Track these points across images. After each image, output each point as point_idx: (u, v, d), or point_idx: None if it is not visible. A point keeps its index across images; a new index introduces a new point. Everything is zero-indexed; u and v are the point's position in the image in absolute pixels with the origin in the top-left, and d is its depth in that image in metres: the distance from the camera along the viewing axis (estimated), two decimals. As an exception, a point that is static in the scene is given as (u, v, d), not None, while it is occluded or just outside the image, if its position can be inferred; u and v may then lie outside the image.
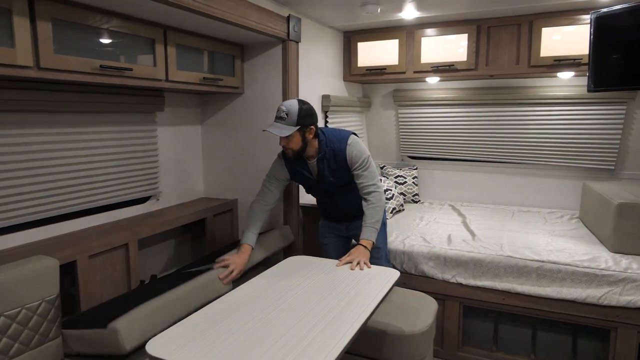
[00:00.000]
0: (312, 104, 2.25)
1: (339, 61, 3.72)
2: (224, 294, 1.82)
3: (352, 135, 2.30)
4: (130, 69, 2.01)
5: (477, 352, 2.77)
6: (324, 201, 2.54)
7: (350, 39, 3.72)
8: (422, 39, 3.49)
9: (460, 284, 2.73)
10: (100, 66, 1.88)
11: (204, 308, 1.65)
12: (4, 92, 1.82)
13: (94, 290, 2.07)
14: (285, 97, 2.81)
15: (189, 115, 2.98)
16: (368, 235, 2.21)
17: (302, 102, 2.17)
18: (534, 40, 3.16)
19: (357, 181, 2.29)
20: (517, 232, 3.08)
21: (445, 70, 3.45)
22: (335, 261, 2.13)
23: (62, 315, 1.81)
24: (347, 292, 1.77)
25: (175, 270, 2.47)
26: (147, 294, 2.00)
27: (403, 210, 3.79)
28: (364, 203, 2.29)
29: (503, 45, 3.28)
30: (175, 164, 2.88)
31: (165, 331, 1.47)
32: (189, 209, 2.76)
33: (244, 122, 2.96)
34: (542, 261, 2.56)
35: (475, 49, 3.33)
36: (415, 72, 3.55)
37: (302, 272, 2.00)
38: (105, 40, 1.95)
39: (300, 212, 3.03)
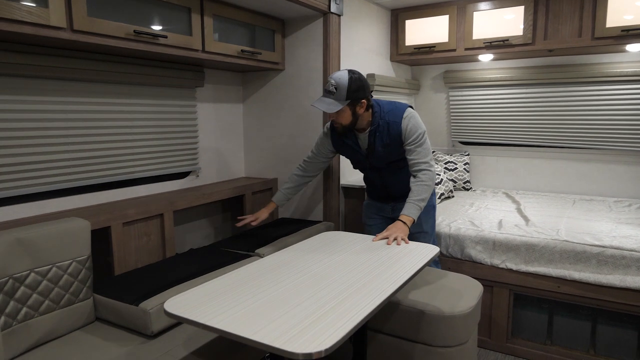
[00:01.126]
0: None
1: (385, 40, 3.59)
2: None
3: (409, 108, 2.16)
4: (165, 36, 2.01)
5: (528, 345, 2.56)
6: (370, 178, 2.41)
7: (397, 17, 3.58)
8: (474, 13, 3.28)
9: (511, 270, 2.53)
10: (134, 31, 1.88)
11: (227, 274, 1.60)
12: (45, 58, 1.86)
13: (129, 258, 2.09)
14: (326, 73, 2.73)
15: (230, 93, 2.97)
16: (409, 212, 2.07)
17: (352, 73, 2.03)
18: (598, 8, 2.88)
19: (408, 157, 2.14)
20: (577, 219, 2.82)
21: (499, 46, 3.22)
22: (371, 237, 2.02)
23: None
24: (379, 265, 1.66)
25: (212, 243, 2.46)
26: (181, 267, 2.01)
27: (452, 197, 3.60)
28: (412, 179, 2.14)
29: (564, 17, 3.01)
30: (216, 141, 2.88)
31: (185, 292, 1.43)
32: (227, 185, 2.75)
33: (285, 99, 2.91)
34: (604, 247, 2.31)
35: (532, 21, 3.08)
36: (466, 49, 3.35)
37: (335, 245, 1.91)
38: (140, 7, 1.95)
39: (341, 193, 2.94)
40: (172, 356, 1.55)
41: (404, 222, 2.03)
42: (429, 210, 2.40)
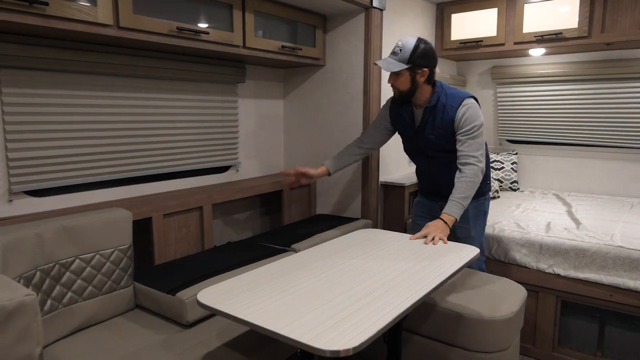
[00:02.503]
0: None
1: (430, 35, 3.50)
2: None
3: (471, 98, 2.08)
4: (207, 33, 2.04)
5: (576, 356, 2.42)
6: (419, 167, 2.34)
7: (443, 11, 3.48)
8: (525, 5, 3.14)
9: (558, 275, 2.40)
10: (177, 28, 1.92)
11: (260, 267, 1.61)
12: (93, 55, 1.94)
13: (169, 249, 2.14)
14: (367, 69, 2.69)
15: (271, 89, 2.99)
16: (451, 211, 1.99)
17: (421, 41, 2.01)
18: (664, -2, 2.68)
19: (458, 148, 2.06)
20: (635, 224, 2.64)
21: (551, 39, 3.07)
22: (408, 235, 1.97)
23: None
24: (414, 264, 1.62)
25: (250, 237, 2.48)
26: (218, 259, 2.03)
27: (498, 197, 3.46)
28: (456, 174, 2.05)
29: (624, 6, 2.82)
30: (256, 136, 2.91)
31: (218, 284, 1.45)
32: (266, 180, 2.76)
33: (325, 95, 2.90)
34: (663, 254, 2.15)
35: (588, 13, 2.91)
36: (515, 43, 3.21)
37: (371, 243, 1.88)
38: (183, 4, 1.99)
39: (380, 190, 2.89)
40: (206, 346, 1.58)
41: (444, 221, 1.97)
42: (479, 216, 2.30)
